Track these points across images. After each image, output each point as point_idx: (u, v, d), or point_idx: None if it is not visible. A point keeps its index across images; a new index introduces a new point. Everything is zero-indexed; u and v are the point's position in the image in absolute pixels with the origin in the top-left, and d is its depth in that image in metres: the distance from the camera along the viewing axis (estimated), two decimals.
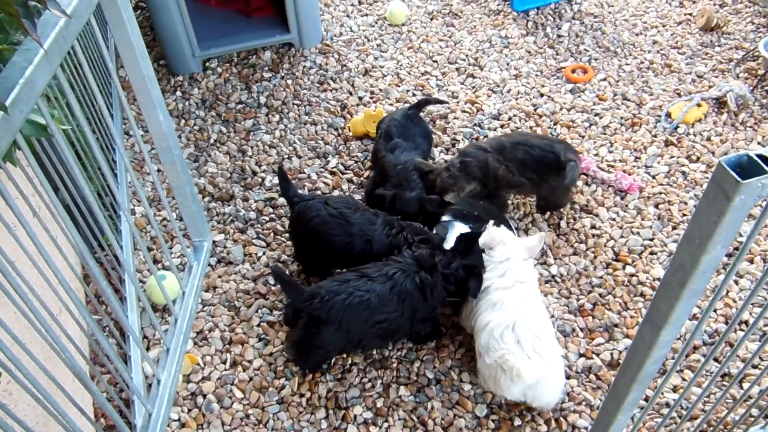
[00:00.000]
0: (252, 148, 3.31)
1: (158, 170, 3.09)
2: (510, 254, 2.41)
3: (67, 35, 1.24)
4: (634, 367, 1.26)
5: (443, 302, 2.47)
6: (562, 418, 2.29)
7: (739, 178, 0.88)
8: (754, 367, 2.41)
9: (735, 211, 0.91)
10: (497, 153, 2.79)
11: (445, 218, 2.87)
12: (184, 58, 3.66)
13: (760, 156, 0.91)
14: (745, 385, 2.33)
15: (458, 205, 2.88)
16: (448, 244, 2.61)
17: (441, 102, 3.47)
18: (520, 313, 2.20)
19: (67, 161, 1.46)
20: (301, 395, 2.36)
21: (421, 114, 3.30)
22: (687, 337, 2.48)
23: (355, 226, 2.49)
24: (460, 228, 2.83)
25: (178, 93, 3.63)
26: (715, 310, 2.59)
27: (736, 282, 2.67)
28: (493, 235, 2.47)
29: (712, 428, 2.19)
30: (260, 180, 3.14)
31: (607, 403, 1.42)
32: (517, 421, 2.28)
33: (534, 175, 2.76)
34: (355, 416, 2.30)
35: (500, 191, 2.86)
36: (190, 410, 2.33)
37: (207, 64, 3.79)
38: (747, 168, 0.91)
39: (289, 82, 3.68)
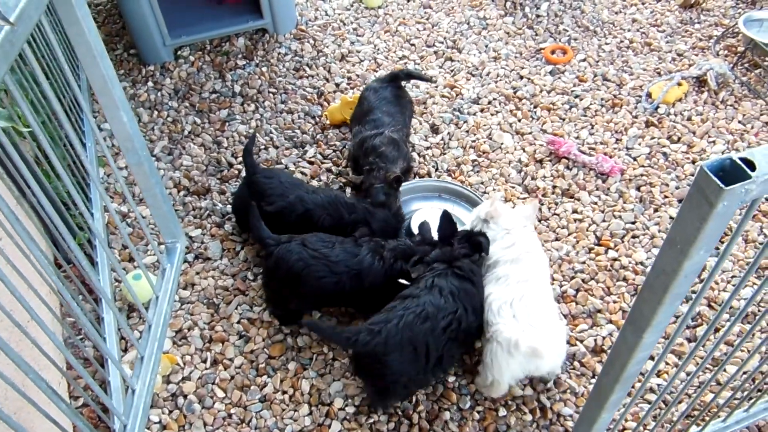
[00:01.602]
0: (227, 139, 3.24)
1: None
2: (511, 224, 2.42)
3: (14, 39, 1.16)
4: (618, 367, 1.23)
5: None
6: (547, 407, 2.28)
7: (722, 185, 0.84)
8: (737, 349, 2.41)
9: (718, 217, 0.88)
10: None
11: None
12: (155, 47, 3.56)
13: (743, 159, 0.87)
14: (729, 368, 2.33)
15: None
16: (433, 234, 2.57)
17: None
18: (521, 291, 2.20)
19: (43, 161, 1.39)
20: (284, 392, 2.33)
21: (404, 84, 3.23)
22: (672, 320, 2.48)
23: (339, 263, 2.33)
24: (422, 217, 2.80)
25: (150, 83, 3.53)
26: (694, 291, 2.59)
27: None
28: (495, 207, 2.46)
29: (697, 412, 2.19)
30: (237, 172, 3.07)
31: (591, 401, 1.40)
32: (502, 411, 2.27)
33: None
34: (339, 411, 2.27)
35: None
36: (170, 411, 2.29)
37: (179, 52, 3.69)
38: (730, 172, 0.87)
39: (264, 69, 3.60)
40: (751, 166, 0.87)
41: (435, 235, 2.51)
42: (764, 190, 0.88)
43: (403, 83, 3.16)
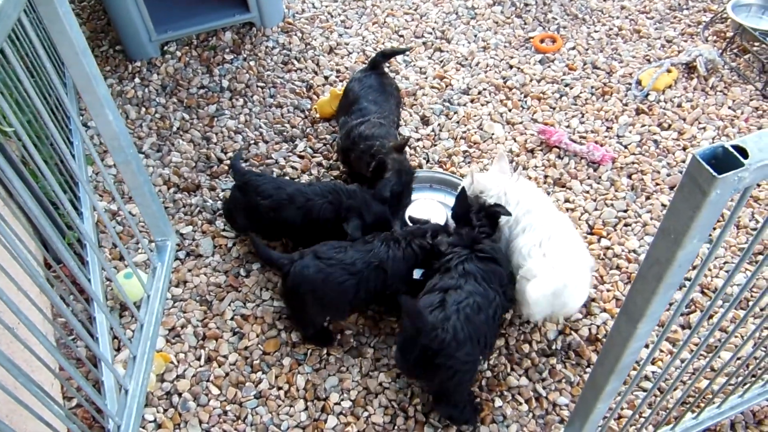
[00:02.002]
0: (216, 134, 3.21)
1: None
2: (501, 186, 2.47)
3: None
4: (612, 358, 1.23)
5: None
6: (542, 396, 2.28)
7: (714, 173, 0.84)
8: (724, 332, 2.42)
9: (711, 205, 0.87)
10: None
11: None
12: (141, 43, 3.52)
13: (735, 147, 0.86)
14: (723, 355, 2.34)
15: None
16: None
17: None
18: (548, 232, 2.30)
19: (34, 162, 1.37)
20: (279, 388, 2.32)
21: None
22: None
23: (356, 262, 2.29)
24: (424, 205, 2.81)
25: (137, 80, 3.49)
26: (688, 278, 2.59)
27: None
28: (477, 180, 2.50)
29: (692, 399, 2.20)
30: (226, 168, 3.05)
31: (586, 392, 1.40)
32: (498, 402, 2.27)
33: None
34: (335, 405, 2.27)
35: None
36: (165, 410, 2.28)
37: (165, 48, 3.65)
38: (722, 160, 0.86)
39: (252, 63, 3.57)
40: (744, 153, 0.86)
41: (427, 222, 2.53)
42: (757, 177, 0.87)
43: (387, 70, 3.14)
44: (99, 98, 1.81)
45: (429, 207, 2.80)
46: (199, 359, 2.40)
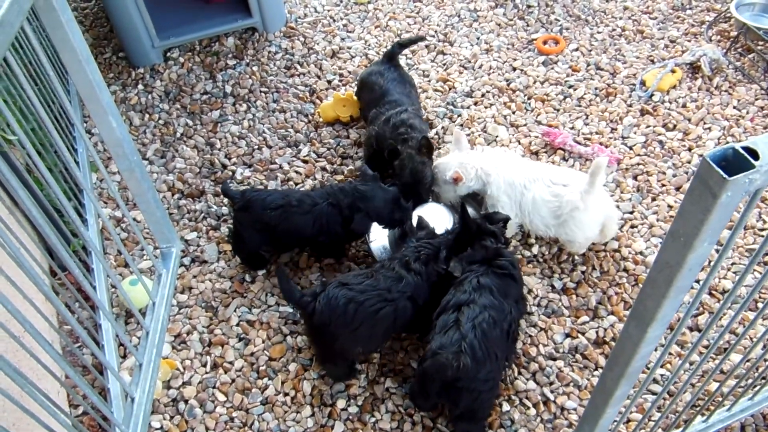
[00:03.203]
0: (220, 140, 3.21)
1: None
2: (474, 165, 2.61)
3: None
4: (622, 363, 1.22)
5: None
6: (550, 401, 2.27)
7: (725, 175, 0.82)
8: (734, 334, 2.41)
9: (722, 208, 0.86)
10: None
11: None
12: (144, 50, 3.52)
13: (746, 148, 0.85)
14: (732, 357, 2.32)
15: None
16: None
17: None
18: (558, 174, 2.56)
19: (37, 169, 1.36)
20: (286, 394, 2.31)
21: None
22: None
23: (392, 290, 2.17)
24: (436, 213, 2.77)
25: (140, 86, 3.49)
26: (697, 280, 2.58)
27: (717, 250, 2.65)
28: (439, 164, 2.66)
29: (701, 401, 2.18)
30: (231, 173, 3.04)
31: (595, 397, 1.38)
32: (506, 407, 2.25)
33: None
34: (342, 411, 2.25)
35: None
36: (172, 417, 2.27)
37: (168, 54, 3.66)
38: (733, 162, 0.85)
39: (255, 68, 3.57)
40: (755, 155, 0.85)
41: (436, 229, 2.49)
42: None
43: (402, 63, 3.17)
44: (102, 106, 1.81)
45: (435, 211, 2.78)
46: (205, 366, 2.40)
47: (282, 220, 2.47)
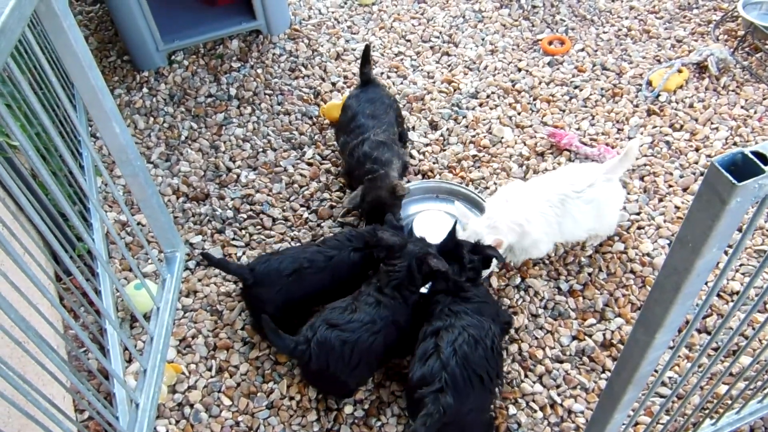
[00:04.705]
0: (225, 143, 3.21)
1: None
2: (504, 218, 2.43)
3: None
4: (630, 368, 1.20)
5: None
6: (557, 404, 2.25)
7: (734, 181, 0.81)
8: (743, 336, 2.38)
9: (731, 214, 0.85)
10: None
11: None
12: (148, 53, 3.52)
13: (755, 153, 0.84)
14: (742, 359, 2.30)
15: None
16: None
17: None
18: (568, 186, 2.47)
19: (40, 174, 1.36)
20: (291, 398, 2.31)
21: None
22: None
23: (377, 321, 2.14)
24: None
25: (145, 89, 3.49)
26: (706, 283, 2.55)
27: (726, 253, 2.63)
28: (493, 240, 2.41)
29: (711, 404, 2.16)
30: (235, 176, 3.04)
31: (603, 402, 1.37)
32: (512, 410, 2.24)
33: None
34: (347, 416, 2.25)
35: None
36: (177, 422, 2.27)
37: (172, 57, 3.66)
38: (742, 167, 0.84)
39: (259, 71, 3.56)
40: (764, 159, 0.83)
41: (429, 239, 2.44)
42: None
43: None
44: (105, 111, 1.80)
45: (436, 218, 2.76)
46: (210, 370, 2.39)
47: (297, 283, 2.32)
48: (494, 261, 2.39)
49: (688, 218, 0.91)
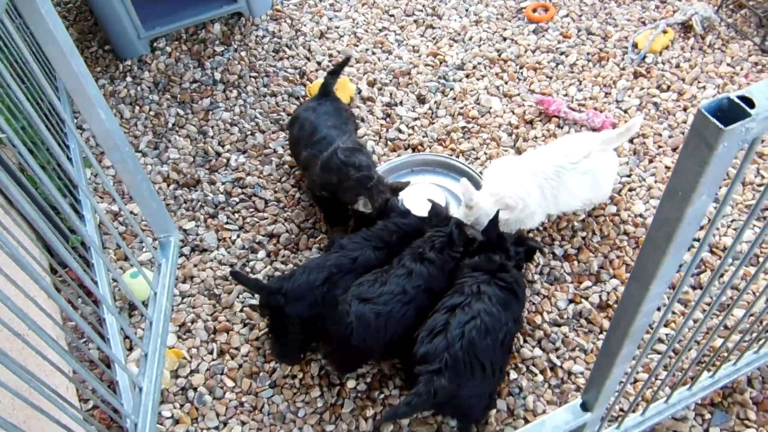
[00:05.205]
0: (213, 128, 3.19)
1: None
2: (507, 192, 2.39)
3: None
4: (625, 322, 1.22)
5: None
6: (557, 366, 2.28)
7: (721, 125, 0.81)
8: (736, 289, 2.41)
9: (719, 159, 0.85)
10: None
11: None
12: (130, 41, 3.48)
13: (741, 97, 0.84)
14: (736, 312, 2.33)
15: None
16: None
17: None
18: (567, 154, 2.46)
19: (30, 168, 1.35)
20: (294, 376, 2.32)
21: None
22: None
23: (408, 291, 2.14)
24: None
25: (129, 78, 3.46)
26: (697, 239, 2.58)
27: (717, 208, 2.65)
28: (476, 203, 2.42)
29: (707, 358, 2.19)
30: (225, 161, 3.03)
31: (601, 357, 1.39)
32: (513, 375, 2.26)
33: None
34: (350, 390, 2.27)
35: None
36: (182, 405, 2.29)
37: (155, 44, 3.62)
38: (728, 111, 0.84)
39: (243, 54, 3.53)
40: (750, 103, 0.84)
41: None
42: (765, 127, 0.85)
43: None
44: (89, 98, 1.78)
45: (429, 191, 2.76)
46: (211, 353, 2.41)
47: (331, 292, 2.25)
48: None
49: (676, 168, 0.92)
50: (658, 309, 2.11)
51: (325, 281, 2.21)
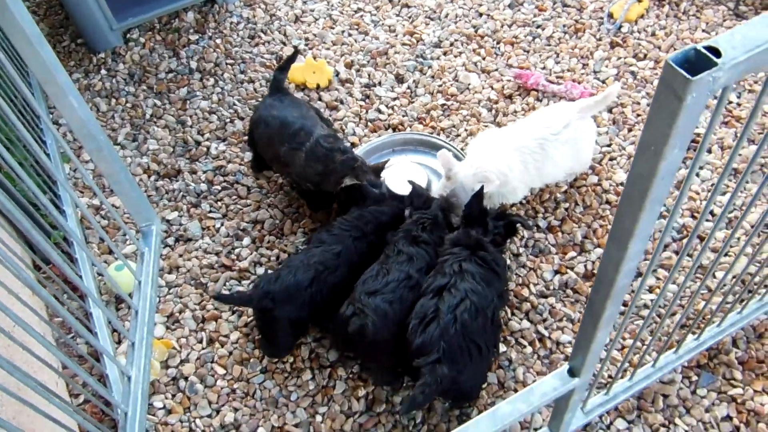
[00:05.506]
0: (191, 117, 3.16)
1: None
2: (488, 167, 2.39)
3: None
4: (606, 284, 1.22)
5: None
6: (545, 337, 2.29)
7: (688, 75, 0.81)
8: (725, 255, 2.44)
9: (688, 110, 0.85)
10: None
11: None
12: (102, 33, 3.43)
13: (708, 48, 0.84)
14: (718, 274, 2.36)
15: None
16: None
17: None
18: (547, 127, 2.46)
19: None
20: (284, 361, 2.32)
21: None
22: (657, 236, 2.49)
23: (413, 276, 2.13)
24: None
25: (103, 71, 3.42)
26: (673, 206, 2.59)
27: (697, 174, 2.67)
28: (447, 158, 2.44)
29: (691, 321, 2.22)
30: (205, 149, 3.00)
31: (585, 321, 1.40)
32: (502, 348, 2.28)
33: None
34: (341, 372, 2.27)
35: None
36: (173, 395, 2.28)
37: (128, 35, 3.57)
38: (695, 62, 0.84)
39: (218, 41, 3.49)
40: (717, 53, 0.84)
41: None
42: (732, 76, 0.85)
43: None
44: (60, 86, 1.76)
45: (409, 169, 2.76)
46: (201, 342, 2.40)
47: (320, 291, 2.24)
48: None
49: (647, 122, 0.92)
50: (641, 275, 2.13)
51: (312, 281, 2.20)
